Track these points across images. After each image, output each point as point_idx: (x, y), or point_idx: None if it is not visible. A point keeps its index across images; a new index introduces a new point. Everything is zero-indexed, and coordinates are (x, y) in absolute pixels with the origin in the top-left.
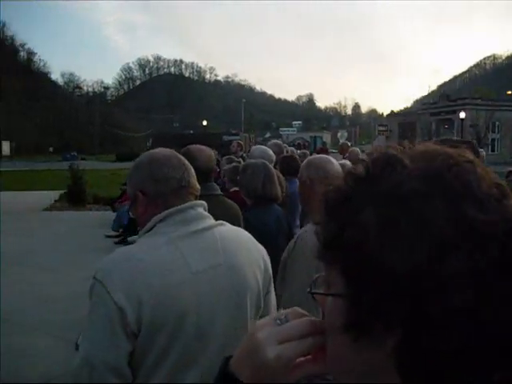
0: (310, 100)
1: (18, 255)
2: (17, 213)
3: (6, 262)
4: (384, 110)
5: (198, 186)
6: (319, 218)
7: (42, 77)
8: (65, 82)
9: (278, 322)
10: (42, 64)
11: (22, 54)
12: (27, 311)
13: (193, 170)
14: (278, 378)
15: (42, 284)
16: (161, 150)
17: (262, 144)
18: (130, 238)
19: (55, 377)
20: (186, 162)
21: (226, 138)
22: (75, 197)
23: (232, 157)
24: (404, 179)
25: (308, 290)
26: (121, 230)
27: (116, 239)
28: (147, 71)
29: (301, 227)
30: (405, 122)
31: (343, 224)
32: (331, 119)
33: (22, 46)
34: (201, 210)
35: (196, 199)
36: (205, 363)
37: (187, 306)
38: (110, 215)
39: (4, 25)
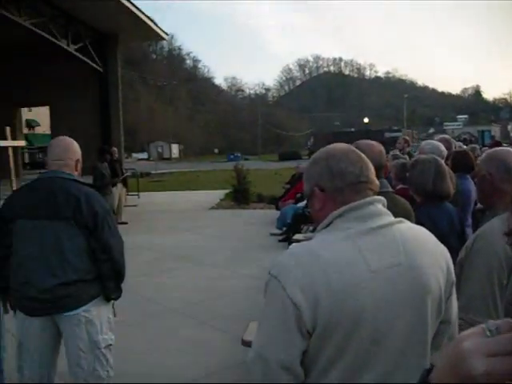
0: (477, 92)
1: (188, 251)
2: (186, 211)
3: (176, 257)
4: None
5: (377, 181)
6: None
7: (207, 82)
8: (228, 86)
9: (488, 333)
10: (206, 70)
11: (188, 62)
12: (196, 305)
13: (371, 165)
14: None
15: (210, 279)
16: (338, 145)
17: (425, 140)
18: (294, 237)
19: (219, 370)
20: (364, 156)
21: (387, 134)
22: (240, 196)
23: (398, 153)
24: None
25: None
26: (284, 229)
27: (280, 237)
28: (307, 71)
29: (473, 226)
30: None
31: None
32: (500, 111)
33: (188, 54)
34: (380, 206)
35: (375, 195)
36: (379, 368)
37: (364, 306)
38: (274, 214)
39: (172, 37)
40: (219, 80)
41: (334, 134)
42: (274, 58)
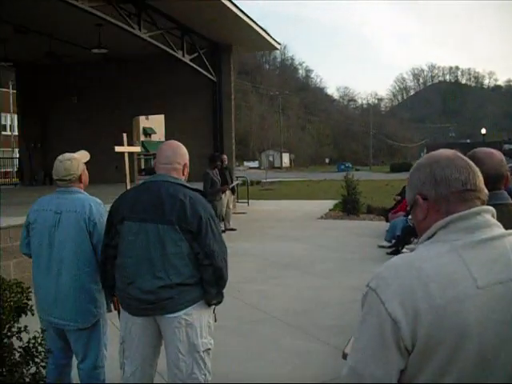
0: None
1: (294, 260)
2: (294, 220)
3: (282, 265)
4: None
5: (485, 190)
6: None
7: (319, 92)
8: (340, 96)
9: None
10: (318, 80)
11: (300, 72)
12: (299, 314)
13: (480, 173)
14: None
15: (315, 289)
16: (443, 151)
17: None
18: (403, 249)
19: (318, 382)
20: (472, 163)
21: (507, 146)
22: (349, 206)
23: None
24: None
25: None
26: (393, 241)
27: (388, 250)
28: (421, 80)
29: None
30: None
31: None
32: None
33: (301, 64)
34: (488, 216)
35: (483, 205)
36: None
37: (470, 324)
38: (384, 225)
39: (285, 47)
40: (331, 90)
41: (448, 145)
42: (388, 66)
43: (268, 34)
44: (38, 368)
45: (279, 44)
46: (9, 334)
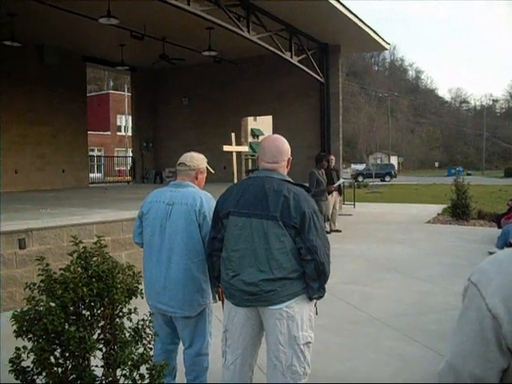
0: None
1: (399, 263)
2: (401, 223)
3: (386, 268)
4: None
5: None
6: None
7: (429, 94)
8: (452, 98)
9: None
10: (429, 81)
11: (410, 73)
12: (401, 318)
13: None
14: None
15: (419, 293)
16: None
17: None
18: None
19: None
20: None
21: None
22: (459, 211)
23: None
24: None
25: None
26: (505, 248)
27: None
28: None
29: None
30: None
31: None
32: None
33: (411, 65)
34: None
35: None
36: None
37: None
38: (495, 232)
39: (394, 47)
40: (443, 91)
41: None
42: (504, 65)
43: (377, 34)
44: (145, 349)
45: (388, 44)
46: (120, 314)
